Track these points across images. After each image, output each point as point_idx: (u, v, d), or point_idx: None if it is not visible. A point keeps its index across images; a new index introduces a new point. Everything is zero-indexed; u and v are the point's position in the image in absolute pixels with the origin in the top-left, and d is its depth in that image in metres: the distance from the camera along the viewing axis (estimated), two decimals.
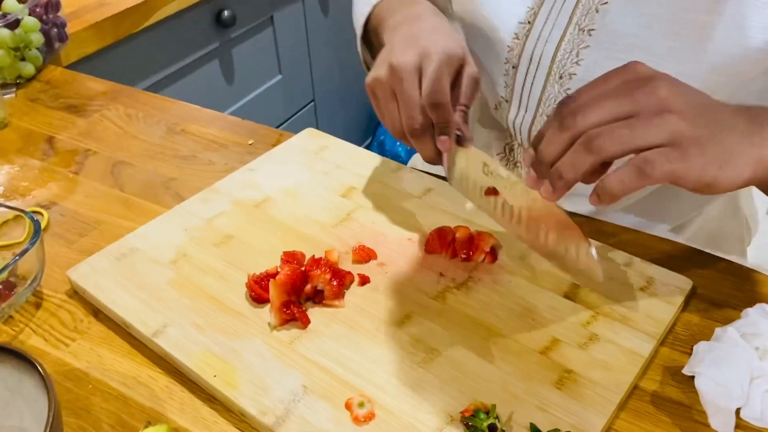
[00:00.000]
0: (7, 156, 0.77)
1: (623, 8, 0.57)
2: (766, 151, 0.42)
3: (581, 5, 0.59)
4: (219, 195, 0.65)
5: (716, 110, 0.43)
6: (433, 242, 0.57)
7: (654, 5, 0.56)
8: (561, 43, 0.61)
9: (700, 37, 0.55)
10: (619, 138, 0.40)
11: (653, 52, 0.57)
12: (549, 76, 0.62)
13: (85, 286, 0.55)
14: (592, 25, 0.59)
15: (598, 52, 0.59)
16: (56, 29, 0.97)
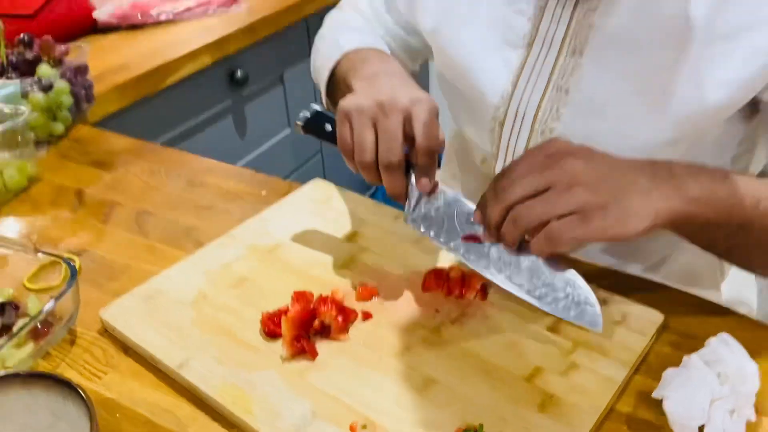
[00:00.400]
0: (41, 208, 0.84)
1: (594, 70, 0.65)
2: (662, 204, 0.51)
3: (558, 68, 0.66)
4: (235, 241, 0.71)
5: (620, 175, 0.52)
6: (429, 281, 0.63)
7: (621, 67, 0.63)
8: (542, 102, 0.68)
9: (663, 94, 0.62)
10: (535, 213, 0.51)
11: (622, 109, 0.64)
12: (532, 132, 0.69)
13: (115, 324, 0.61)
14: (567, 85, 0.66)
15: (574, 109, 0.66)
16: (84, 91, 1.06)
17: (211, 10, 1.45)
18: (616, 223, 0.50)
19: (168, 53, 1.26)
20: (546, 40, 0.67)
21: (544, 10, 0.66)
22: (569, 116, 0.66)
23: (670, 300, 0.63)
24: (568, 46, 0.65)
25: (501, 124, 0.71)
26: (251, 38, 1.41)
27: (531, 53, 0.68)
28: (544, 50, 0.67)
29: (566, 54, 0.66)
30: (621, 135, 0.64)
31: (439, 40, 0.75)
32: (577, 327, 0.58)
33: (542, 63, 0.67)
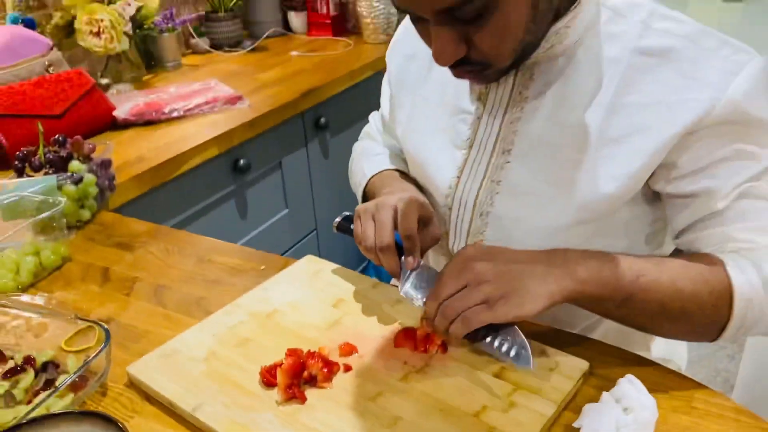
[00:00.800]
0: (73, 284, 0.98)
1: (519, 166, 0.81)
2: (556, 286, 0.68)
3: (491, 165, 0.83)
4: (239, 308, 0.85)
5: (520, 268, 0.69)
6: (400, 339, 0.77)
7: (538, 164, 0.80)
8: (479, 192, 0.85)
9: (569, 185, 0.78)
10: (454, 307, 0.68)
11: (539, 197, 0.80)
12: (473, 215, 0.86)
13: (140, 378, 0.74)
14: (499, 178, 0.83)
15: (504, 197, 0.83)
16: (107, 182, 1.22)
17: (217, 107, 1.63)
18: (515, 307, 0.67)
19: (179, 146, 1.43)
20: (482, 143, 0.84)
21: (480, 119, 0.84)
22: (500, 203, 0.83)
23: (600, 352, 0.76)
24: (498, 148, 0.83)
25: (450, 208, 0.88)
26: (253, 131, 1.59)
27: (471, 153, 0.85)
28: (481, 151, 0.84)
29: (497, 154, 0.83)
30: (540, 217, 0.81)
31: (406, 144, 0.93)
32: (517, 373, 0.71)
33: (479, 161, 0.84)
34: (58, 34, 1.76)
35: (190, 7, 2.24)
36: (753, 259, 0.73)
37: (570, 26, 0.74)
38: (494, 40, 0.68)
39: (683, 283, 0.72)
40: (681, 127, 0.72)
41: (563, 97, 0.78)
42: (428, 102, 0.90)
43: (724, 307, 0.72)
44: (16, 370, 0.77)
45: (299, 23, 2.36)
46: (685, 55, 0.73)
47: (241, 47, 2.22)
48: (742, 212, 0.74)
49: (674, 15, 0.76)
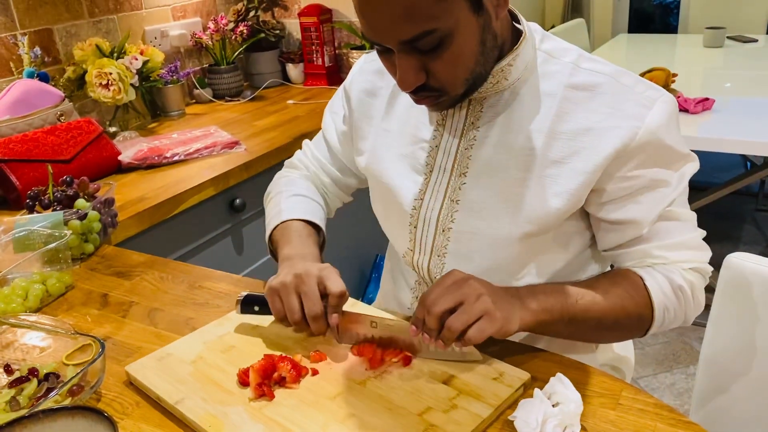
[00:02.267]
0: (75, 307, 1.08)
1: (474, 186, 0.92)
2: (520, 315, 0.82)
3: (450, 186, 0.94)
4: (229, 321, 0.95)
5: (503, 293, 0.82)
6: (357, 349, 0.85)
7: (491, 184, 0.91)
8: (441, 210, 0.95)
9: (518, 201, 0.89)
10: (461, 321, 0.77)
11: (493, 212, 0.91)
12: (436, 231, 0.96)
13: (135, 375, 0.84)
14: (458, 197, 0.94)
15: (463, 213, 0.94)
16: (110, 218, 1.33)
17: (215, 151, 1.75)
18: (506, 322, 0.79)
19: (179, 187, 1.55)
20: (441, 167, 0.95)
21: (438, 147, 0.95)
22: (459, 219, 0.94)
23: (544, 360, 0.85)
24: (456, 171, 0.94)
25: (414, 227, 0.98)
26: (248, 173, 1.71)
27: (431, 177, 0.96)
28: (441, 174, 0.95)
29: (455, 176, 0.94)
30: (494, 230, 0.92)
31: (371, 171, 1.04)
32: (464, 380, 0.79)
33: (440, 183, 0.95)
34: (70, 87, 1.91)
35: (194, 60, 2.40)
36: (665, 273, 0.90)
37: (512, 64, 0.87)
38: (449, 68, 0.80)
39: (613, 299, 0.88)
40: (611, 149, 0.84)
41: (509, 126, 0.90)
42: (390, 133, 1.01)
43: (646, 314, 0.90)
44: (21, 380, 0.86)
45: (296, 74, 2.51)
46: (609, 89, 0.86)
47: (241, 97, 2.36)
48: (657, 232, 0.89)
49: (597, 59, 0.90)
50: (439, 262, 0.98)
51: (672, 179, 0.87)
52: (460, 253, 0.96)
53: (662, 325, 0.91)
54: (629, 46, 3.50)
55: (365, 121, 1.05)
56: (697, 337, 2.40)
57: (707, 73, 2.80)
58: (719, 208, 3.09)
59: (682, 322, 0.94)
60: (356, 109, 1.06)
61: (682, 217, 0.90)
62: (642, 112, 0.84)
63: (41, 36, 1.88)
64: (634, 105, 0.84)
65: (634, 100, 0.85)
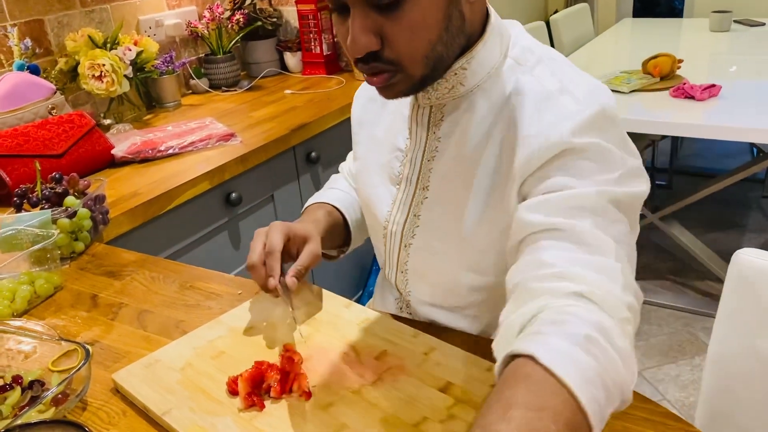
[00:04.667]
0: (63, 309, 1.05)
1: (434, 202, 0.89)
2: None
3: (414, 199, 0.91)
4: (220, 324, 0.92)
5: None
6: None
7: (449, 199, 0.86)
8: (405, 224, 0.92)
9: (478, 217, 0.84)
10: None
11: (452, 231, 0.87)
12: (401, 246, 0.93)
13: (122, 383, 0.81)
14: (419, 212, 0.91)
15: (423, 229, 0.91)
16: (101, 215, 1.29)
17: (211, 144, 1.72)
18: None
19: (173, 181, 1.51)
20: (408, 179, 0.91)
21: (407, 157, 0.91)
22: (420, 236, 0.91)
23: None
24: (419, 184, 0.90)
25: (385, 243, 0.96)
26: (244, 166, 1.67)
27: (400, 189, 0.92)
28: (408, 186, 0.91)
29: (419, 189, 0.90)
30: (453, 250, 0.88)
31: (357, 180, 1.01)
32: (461, 388, 0.76)
33: (406, 196, 0.92)
34: (62, 79, 1.87)
35: (190, 50, 2.35)
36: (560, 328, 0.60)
37: (467, 68, 0.80)
38: (407, 35, 0.72)
39: None
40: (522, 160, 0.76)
41: (465, 137, 0.84)
42: (376, 139, 0.98)
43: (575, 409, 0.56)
44: (4, 388, 0.83)
45: (294, 63, 2.47)
46: (535, 99, 0.78)
47: (238, 87, 2.32)
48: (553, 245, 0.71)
49: (553, 64, 0.81)
50: (403, 278, 0.96)
51: (577, 185, 0.72)
52: (417, 272, 0.93)
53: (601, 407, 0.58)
54: (634, 30, 3.44)
55: (362, 127, 1.02)
56: (703, 328, 2.37)
57: (713, 58, 2.74)
58: (725, 195, 3.04)
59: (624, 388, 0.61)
60: (358, 114, 1.03)
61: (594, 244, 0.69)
62: (557, 124, 0.75)
63: (32, 27, 1.84)
64: (552, 117, 0.76)
65: (554, 113, 0.76)
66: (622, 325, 0.64)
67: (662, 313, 2.47)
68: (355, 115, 1.04)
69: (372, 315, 0.91)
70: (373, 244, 1.05)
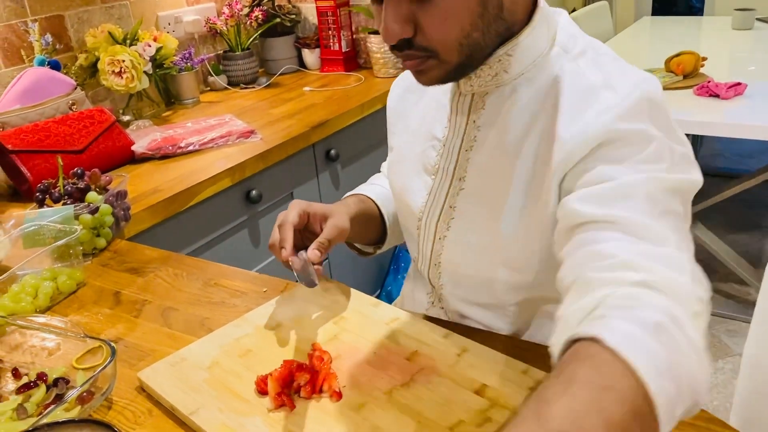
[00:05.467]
0: (86, 306, 1.04)
1: (471, 193, 0.86)
2: None
3: (450, 192, 0.88)
4: (246, 322, 0.90)
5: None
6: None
7: (487, 191, 0.84)
8: (440, 217, 0.90)
9: (515, 211, 0.81)
10: None
11: (488, 223, 0.84)
12: (435, 239, 0.91)
13: (148, 382, 0.80)
14: (455, 204, 0.88)
15: (458, 221, 0.88)
16: (123, 212, 1.28)
17: (231, 140, 1.70)
18: None
19: (193, 178, 1.50)
20: (445, 170, 0.89)
21: (444, 146, 0.89)
22: (455, 228, 0.89)
23: None
24: (456, 174, 0.88)
25: (419, 234, 0.94)
26: (264, 163, 1.66)
27: (436, 180, 0.90)
28: (444, 178, 0.89)
29: (455, 180, 0.88)
30: (489, 242, 0.85)
31: (391, 171, 0.99)
32: (496, 390, 0.73)
33: (442, 187, 0.89)
34: (82, 75, 1.86)
35: (209, 46, 2.34)
36: (628, 313, 0.56)
37: (512, 55, 0.78)
38: (440, 22, 0.71)
39: None
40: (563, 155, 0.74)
41: (506, 127, 0.82)
42: (410, 129, 0.96)
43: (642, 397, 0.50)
44: (29, 386, 0.82)
45: (313, 60, 2.45)
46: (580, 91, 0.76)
47: (257, 84, 2.31)
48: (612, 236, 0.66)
49: (598, 57, 0.79)
50: (436, 271, 0.94)
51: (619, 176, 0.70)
52: (451, 265, 0.91)
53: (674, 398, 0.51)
54: (653, 29, 3.40)
55: (398, 118, 1.01)
56: (726, 330, 2.33)
57: (736, 57, 2.70)
58: (747, 196, 2.99)
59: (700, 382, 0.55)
60: (394, 104, 1.02)
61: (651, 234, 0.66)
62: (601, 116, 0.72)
63: (52, 22, 1.84)
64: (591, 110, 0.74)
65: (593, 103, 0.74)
66: (694, 319, 0.58)
67: None
68: (391, 104, 1.03)
69: (402, 315, 0.89)
70: (405, 238, 1.03)
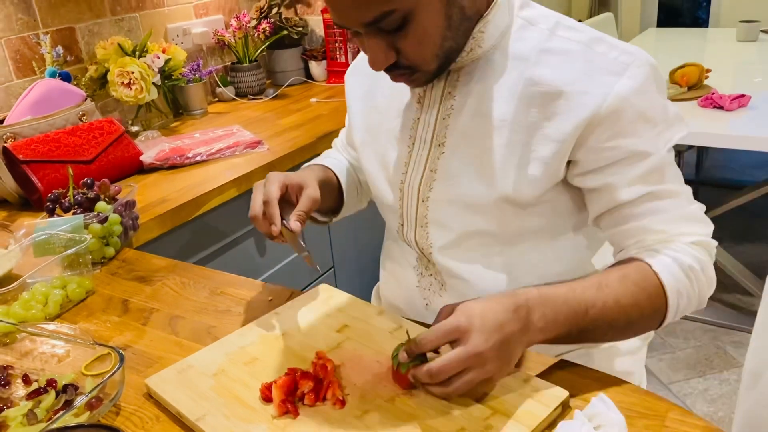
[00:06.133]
0: (95, 314, 1.06)
1: (451, 155, 0.92)
2: (527, 339, 0.76)
3: (429, 157, 0.95)
4: (252, 330, 0.92)
5: (506, 337, 0.73)
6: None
7: (467, 152, 0.91)
8: (422, 180, 0.96)
9: (493, 169, 0.89)
10: (459, 390, 0.72)
11: (468, 180, 0.92)
12: (418, 201, 0.97)
13: (155, 389, 0.81)
14: (436, 167, 0.94)
15: (440, 182, 0.95)
16: (131, 221, 1.30)
17: (238, 151, 1.73)
18: (503, 372, 0.75)
19: (201, 188, 1.52)
20: (421, 138, 0.96)
21: (419, 119, 0.96)
22: (437, 188, 0.95)
23: (581, 376, 0.80)
24: (434, 142, 0.94)
25: (400, 199, 1.00)
26: None
27: (413, 149, 0.97)
28: (421, 146, 0.96)
29: (434, 147, 0.94)
30: (470, 197, 0.92)
31: (363, 148, 1.05)
32: (497, 399, 0.75)
33: (420, 154, 0.96)
34: (92, 86, 1.89)
35: (217, 58, 2.37)
36: (671, 254, 0.85)
37: (483, 31, 0.87)
38: (416, 45, 0.81)
39: (625, 299, 0.82)
40: (580, 118, 0.83)
41: (484, 94, 0.89)
42: (378, 108, 1.03)
43: (660, 305, 0.84)
44: (39, 392, 0.84)
45: (319, 72, 2.47)
46: (581, 56, 0.85)
47: (264, 95, 2.33)
48: (652, 210, 0.86)
49: (576, 25, 0.89)
50: (423, 232, 0.99)
51: (654, 149, 0.84)
52: (438, 222, 0.97)
53: (677, 313, 0.85)
54: (658, 40, 3.41)
55: (358, 100, 1.08)
56: (731, 341, 2.33)
57: (741, 68, 2.71)
58: (752, 207, 3.00)
59: (697, 304, 0.88)
60: (354, 88, 1.09)
61: (675, 192, 0.87)
62: (611, 79, 0.82)
63: (63, 35, 1.87)
64: (604, 72, 0.83)
65: (605, 67, 0.83)
66: (711, 259, 0.88)
67: (689, 326, 2.43)
68: (350, 92, 1.10)
69: (405, 323, 0.90)
70: (384, 211, 1.08)
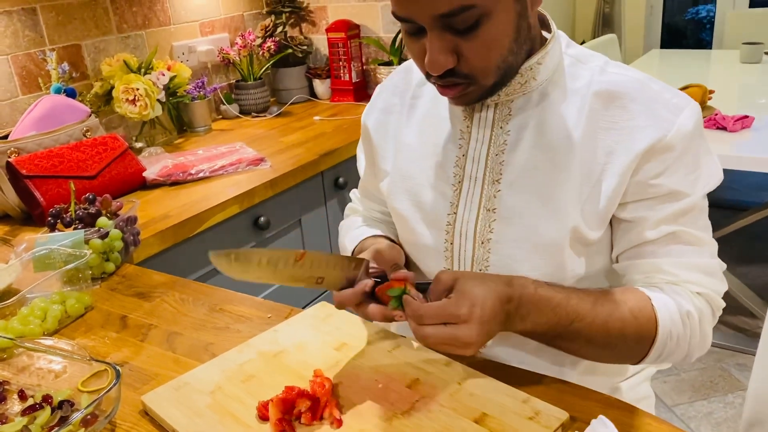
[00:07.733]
0: (93, 330, 1.05)
1: (510, 193, 0.88)
2: (508, 328, 0.80)
3: (484, 196, 0.90)
4: (249, 348, 0.91)
5: (492, 326, 0.77)
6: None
7: (528, 188, 0.87)
8: (477, 221, 0.91)
9: (560, 203, 0.86)
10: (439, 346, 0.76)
11: (535, 218, 0.87)
12: (475, 243, 0.92)
13: (151, 405, 0.81)
14: (493, 206, 0.90)
15: (501, 222, 0.89)
16: (132, 237, 1.30)
17: (241, 168, 1.73)
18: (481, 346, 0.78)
19: (203, 204, 1.52)
20: (471, 177, 0.91)
21: (465, 156, 0.91)
22: (498, 229, 0.90)
23: (582, 397, 0.79)
24: (488, 179, 0.90)
25: (450, 242, 0.94)
26: (273, 190, 1.67)
27: (462, 188, 0.92)
28: (472, 184, 0.91)
29: (488, 184, 0.90)
30: (537, 236, 0.87)
31: (394, 190, 0.99)
32: (497, 420, 0.74)
33: (473, 193, 0.91)
34: (97, 102, 1.90)
35: (222, 75, 2.39)
36: (673, 295, 0.86)
37: (542, 63, 0.85)
38: (482, 51, 0.78)
39: (613, 323, 0.83)
40: (640, 148, 0.82)
41: (543, 126, 0.87)
42: (410, 147, 0.97)
43: (647, 340, 0.85)
44: (34, 408, 0.83)
45: (323, 90, 2.49)
46: (639, 93, 0.85)
47: (268, 113, 2.34)
48: (671, 251, 0.86)
49: (623, 65, 0.90)
50: None
51: (691, 190, 0.85)
52: (502, 264, 0.91)
53: (662, 353, 0.85)
54: (662, 61, 3.43)
55: (384, 139, 1.02)
56: (736, 364, 2.30)
57: (744, 90, 2.71)
58: (756, 229, 2.98)
59: (684, 356, 0.87)
60: (374, 128, 1.03)
61: (699, 241, 0.87)
62: (671, 117, 0.83)
63: (70, 51, 1.89)
64: (663, 109, 0.84)
65: (663, 105, 0.84)
66: (714, 318, 0.89)
67: None
68: (373, 130, 1.03)
69: (404, 342, 0.90)
70: (423, 256, 0.99)
